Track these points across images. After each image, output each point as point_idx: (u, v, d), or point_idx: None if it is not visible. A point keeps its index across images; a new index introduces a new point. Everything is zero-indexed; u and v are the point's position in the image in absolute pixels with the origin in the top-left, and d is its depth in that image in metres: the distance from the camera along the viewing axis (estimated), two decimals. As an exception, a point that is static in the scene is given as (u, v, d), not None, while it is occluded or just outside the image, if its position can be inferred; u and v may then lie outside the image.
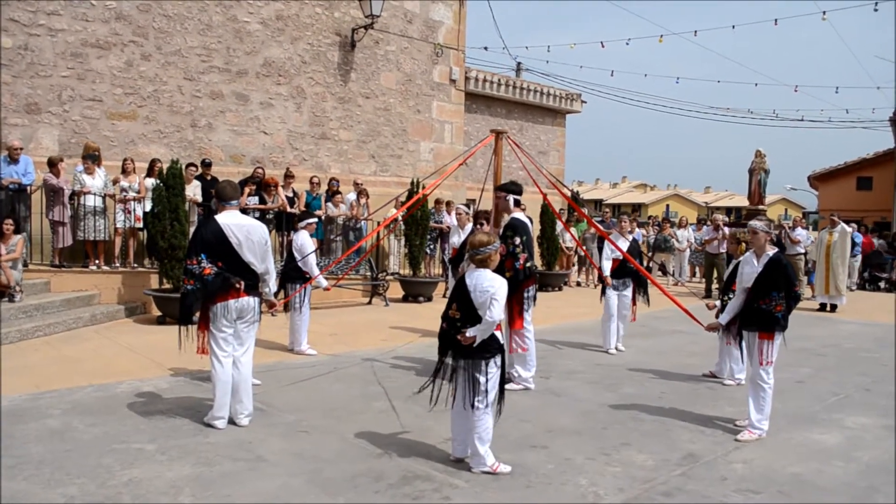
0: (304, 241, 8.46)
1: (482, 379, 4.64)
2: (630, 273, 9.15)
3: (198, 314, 5.63)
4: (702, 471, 4.89)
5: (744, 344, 5.98)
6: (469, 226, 9.87)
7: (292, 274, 8.46)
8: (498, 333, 4.70)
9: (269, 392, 6.55)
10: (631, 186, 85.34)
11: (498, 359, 4.71)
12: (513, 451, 5.13)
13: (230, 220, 5.55)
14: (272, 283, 5.94)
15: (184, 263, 5.70)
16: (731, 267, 7.91)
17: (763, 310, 5.67)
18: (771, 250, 5.80)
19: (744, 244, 7.89)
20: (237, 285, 5.48)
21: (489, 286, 4.59)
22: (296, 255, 8.43)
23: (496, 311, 4.53)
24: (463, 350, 4.66)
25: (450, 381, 4.79)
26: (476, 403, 4.63)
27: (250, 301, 5.61)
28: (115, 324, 10.05)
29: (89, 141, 11.76)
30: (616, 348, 9.20)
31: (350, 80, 15.44)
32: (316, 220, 9.15)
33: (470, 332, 4.57)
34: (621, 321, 9.28)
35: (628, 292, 9.26)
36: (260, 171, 12.85)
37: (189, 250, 5.57)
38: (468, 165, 17.69)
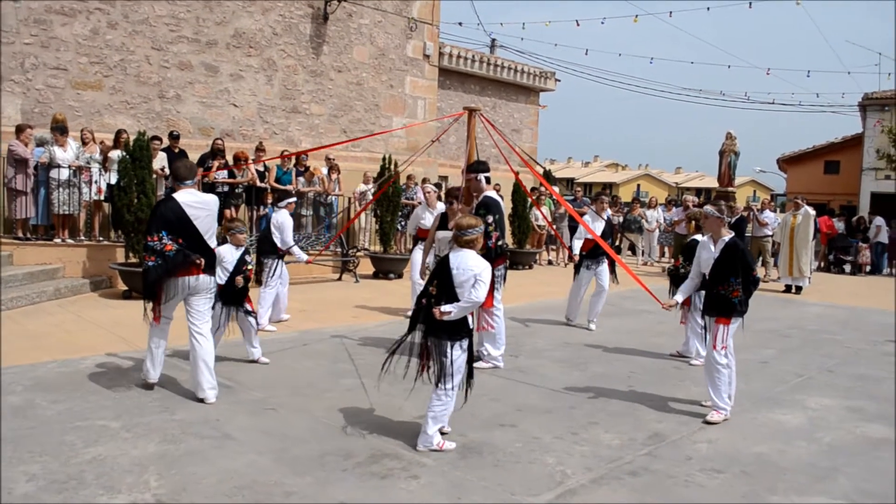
0: (283, 219, 8.46)
1: (446, 360, 4.66)
2: (604, 251, 9.22)
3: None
4: (667, 450, 4.95)
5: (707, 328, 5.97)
6: (440, 205, 9.76)
7: (266, 248, 8.43)
8: (469, 318, 4.76)
9: (236, 369, 6.50)
10: (602, 166, 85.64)
11: (465, 342, 4.72)
12: (482, 429, 5.15)
13: (189, 199, 5.62)
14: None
15: (144, 240, 5.75)
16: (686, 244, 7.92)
17: (721, 295, 5.66)
18: (727, 235, 5.78)
19: (694, 222, 8.06)
20: (198, 262, 5.57)
21: (473, 266, 4.65)
22: (274, 231, 8.41)
23: (481, 292, 4.59)
24: (432, 328, 4.67)
25: (418, 357, 4.80)
26: (438, 383, 4.68)
27: (206, 279, 5.73)
28: (80, 298, 9.89)
29: (57, 112, 11.48)
30: (589, 327, 9.34)
31: (322, 53, 15.24)
32: (295, 199, 9.23)
33: (446, 307, 4.57)
34: (597, 297, 9.38)
35: (604, 267, 9.37)
36: (219, 142, 12.60)
37: (149, 227, 5.62)
38: (441, 142, 17.61)
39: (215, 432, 4.86)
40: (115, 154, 10.99)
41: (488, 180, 7.21)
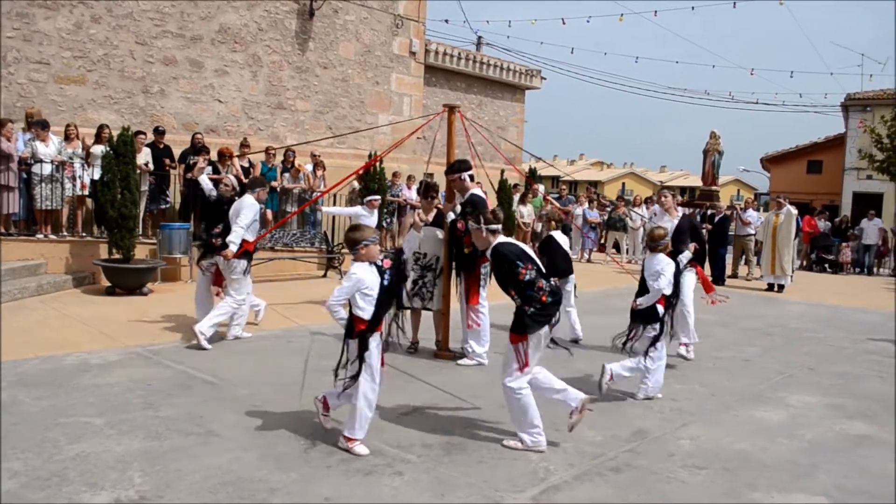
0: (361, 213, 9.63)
1: (638, 337, 6.10)
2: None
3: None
4: (650, 447, 4.98)
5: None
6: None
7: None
8: (659, 307, 6.03)
9: (220, 365, 6.48)
10: (588, 164, 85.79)
11: (657, 325, 6.03)
12: (466, 426, 5.17)
13: (240, 202, 7.46)
14: (231, 243, 7.26)
15: None
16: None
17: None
18: (494, 239, 4.91)
19: (553, 222, 8.34)
20: (215, 243, 7.49)
21: (657, 264, 6.04)
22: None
23: (661, 282, 5.94)
24: (633, 315, 6.15)
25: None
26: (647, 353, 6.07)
27: (219, 258, 7.41)
28: (63, 294, 9.81)
29: (29, 107, 11.37)
30: (687, 356, 7.54)
31: (308, 49, 15.19)
32: (379, 198, 10.06)
33: (640, 300, 6.03)
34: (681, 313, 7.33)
35: (689, 276, 7.42)
36: (199, 136, 12.55)
37: None
38: (426, 139, 17.60)
39: (199, 429, 4.85)
40: (98, 149, 10.91)
41: (472, 178, 7.23)
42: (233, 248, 7.19)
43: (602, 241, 19.80)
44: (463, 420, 5.31)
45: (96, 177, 10.73)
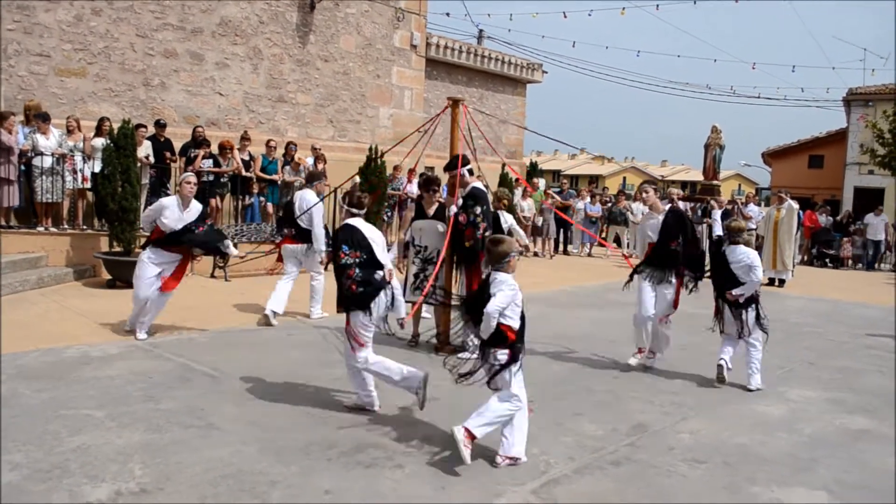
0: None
1: (742, 320, 6.43)
2: (667, 258, 6.92)
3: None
4: (650, 440, 4.99)
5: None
6: (195, 204, 7.43)
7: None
8: (757, 292, 6.50)
9: (220, 358, 6.49)
10: (589, 158, 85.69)
11: (752, 307, 6.47)
12: (466, 419, 5.16)
13: (300, 194, 8.37)
14: (318, 243, 8.23)
15: None
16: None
17: None
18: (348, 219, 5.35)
19: (505, 200, 9.01)
20: (289, 233, 8.29)
21: (744, 255, 6.43)
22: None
23: (758, 274, 6.35)
24: (730, 304, 6.49)
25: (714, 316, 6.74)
26: (742, 335, 6.48)
27: (296, 246, 8.33)
28: (63, 287, 9.81)
29: (28, 100, 11.35)
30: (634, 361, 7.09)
31: (309, 42, 15.16)
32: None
33: (737, 291, 6.39)
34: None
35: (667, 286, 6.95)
36: (200, 130, 12.54)
37: None
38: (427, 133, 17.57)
39: (200, 422, 4.86)
40: (99, 142, 10.89)
41: (471, 172, 7.22)
42: (323, 255, 8.26)
43: (603, 235, 19.80)
44: (463, 414, 5.29)
45: (97, 170, 10.72)
